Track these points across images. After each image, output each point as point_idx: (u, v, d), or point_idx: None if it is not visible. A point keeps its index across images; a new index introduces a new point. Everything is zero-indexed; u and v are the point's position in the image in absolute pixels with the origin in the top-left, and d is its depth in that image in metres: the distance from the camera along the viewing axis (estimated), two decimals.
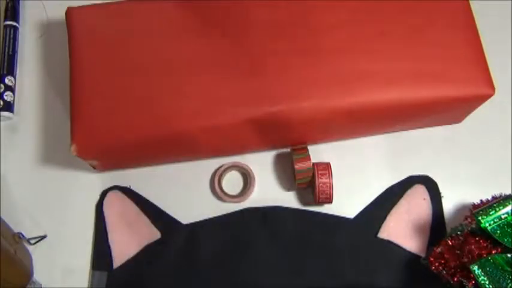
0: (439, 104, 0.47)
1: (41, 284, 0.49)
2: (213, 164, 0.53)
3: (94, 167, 0.51)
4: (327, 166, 0.49)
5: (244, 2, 0.49)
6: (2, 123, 0.54)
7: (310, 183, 0.50)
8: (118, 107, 0.46)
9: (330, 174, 0.49)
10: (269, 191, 0.52)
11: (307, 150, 0.51)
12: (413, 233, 0.50)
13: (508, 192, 0.47)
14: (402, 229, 0.50)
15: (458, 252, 0.44)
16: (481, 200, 0.47)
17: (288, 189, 0.53)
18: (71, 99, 0.47)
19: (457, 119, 0.54)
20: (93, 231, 0.51)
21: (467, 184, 0.52)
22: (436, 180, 0.52)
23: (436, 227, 0.50)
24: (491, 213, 0.43)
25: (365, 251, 0.50)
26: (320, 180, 0.49)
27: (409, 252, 0.50)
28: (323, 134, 0.52)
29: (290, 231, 0.50)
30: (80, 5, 0.50)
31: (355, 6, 0.49)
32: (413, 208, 0.51)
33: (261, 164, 0.53)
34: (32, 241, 0.50)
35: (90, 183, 0.52)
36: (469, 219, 0.46)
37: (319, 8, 0.49)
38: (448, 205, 0.52)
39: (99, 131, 0.46)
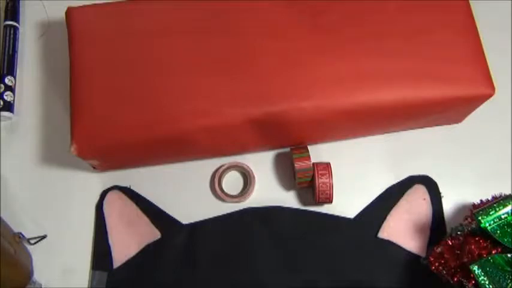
0: (439, 104, 0.47)
1: (41, 284, 0.49)
2: (213, 164, 0.53)
3: (94, 167, 0.51)
4: (327, 166, 0.49)
5: (245, 2, 0.49)
6: (2, 123, 0.54)
7: (310, 183, 0.50)
8: (118, 107, 0.46)
9: (330, 174, 0.49)
10: (269, 191, 0.52)
11: (307, 149, 0.51)
12: (413, 233, 0.50)
13: (508, 192, 0.47)
14: (402, 229, 0.50)
15: (458, 252, 0.44)
16: (481, 200, 0.47)
17: (288, 189, 0.53)
18: (71, 99, 0.47)
19: (457, 119, 0.54)
20: (93, 231, 0.51)
21: (467, 184, 0.52)
22: (436, 180, 0.52)
23: (436, 227, 0.50)
24: (491, 213, 0.43)
25: (365, 251, 0.50)
26: (320, 180, 0.49)
27: (409, 252, 0.50)
28: (323, 134, 0.52)
29: (290, 231, 0.50)
30: (80, 5, 0.50)
31: (356, 6, 0.49)
32: (413, 208, 0.51)
33: (261, 164, 0.53)
34: (32, 241, 0.50)
35: (90, 183, 0.52)
36: (469, 219, 0.46)
37: (319, 8, 0.49)
38: (448, 205, 0.52)
39: (99, 131, 0.46)
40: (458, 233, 0.45)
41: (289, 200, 0.52)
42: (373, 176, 0.53)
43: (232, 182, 0.53)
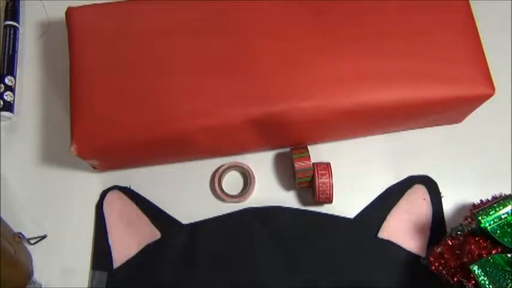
0: (439, 104, 0.47)
1: (41, 284, 0.49)
2: (213, 164, 0.53)
3: (94, 167, 0.51)
4: (327, 166, 0.49)
5: (245, 2, 0.49)
6: (2, 123, 0.54)
7: (310, 183, 0.50)
8: (118, 107, 0.46)
9: (330, 174, 0.49)
10: (269, 191, 0.52)
11: (307, 149, 0.51)
12: (413, 233, 0.50)
13: (508, 192, 0.47)
14: (402, 229, 0.50)
15: (458, 252, 0.44)
16: (481, 200, 0.47)
17: (288, 189, 0.53)
18: (71, 99, 0.47)
19: (457, 119, 0.54)
20: (93, 231, 0.51)
21: (467, 184, 0.52)
22: (436, 180, 0.52)
23: (436, 227, 0.50)
24: (491, 213, 0.43)
25: (365, 251, 0.50)
26: (320, 180, 0.49)
27: (409, 252, 0.50)
28: (323, 134, 0.52)
29: (290, 231, 0.50)
30: (80, 5, 0.50)
31: (356, 6, 0.49)
32: (414, 208, 0.51)
33: (261, 164, 0.53)
34: (32, 241, 0.50)
35: (90, 183, 0.52)
36: (469, 219, 0.46)
37: (319, 8, 0.49)
38: (448, 205, 0.52)
39: (99, 131, 0.46)
40: (458, 233, 0.45)
41: (289, 200, 0.52)
42: (373, 176, 0.53)
43: (232, 182, 0.53)
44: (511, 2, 0.59)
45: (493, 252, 0.42)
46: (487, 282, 0.41)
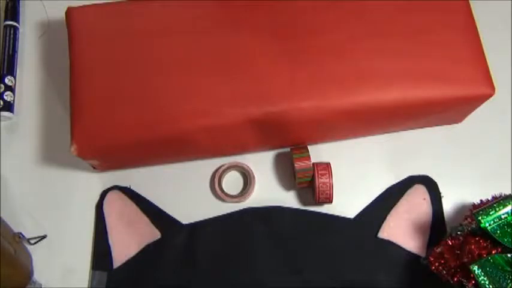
0: (439, 104, 0.47)
1: (41, 284, 0.49)
2: (213, 164, 0.53)
3: (94, 167, 0.51)
4: (327, 166, 0.49)
5: (245, 2, 0.49)
6: (2, 123, 0.54)
7: (310, 183, 0.50)
8: (118, 107, 0.46)
9: (330, 174, 0.49)
10: (269, 191, 0.52)
11: (307, 149, 0.51)
12: (413, 233, 0.50)
13: (508, 192, 0.47)
14: (402, 229, 0.50)
15: (458, 252, 0.44)
16: (481, 200, 0.47)
17: (288, 189, 0.53)
18: (71, 99, 0.47)
19: (457, 119, 0.54)
20: (93, 231, 0.51)
21: (467, 184, 0.52)
22: (436, 180, 0.52)
23: (436, 227, 0.50)
24: (491, 213, 0.43)
25: (365, 251, 0.50)
26: (320, 180, 0.49)
27: (409, 252, 0.50)
28: (323, 134, 0.52)
29: (290, 231, 0.50)
30: (80, 5, 0.50)
31: (355, 6, 0.49)
32: (413, 208, 0.51)
33: (261, 164, 0.53)
34: (32, 241, 0.50)
35: (90, 183, 0.52)
36: (469, 219, 0.46)
37: (319, 7, 0.49)
38: (448, 205, 0.52)
39: (99, 131, 0.46)
40: (458, 233, 0.45)
41: (289, 200, 0.52)
42: (373, 176, 0.53)
43: (232, 182, 0.53)
44: (511, 2, 0.59)
45: (493, 252, 0.42)
46: (487, 282, 0.41)
